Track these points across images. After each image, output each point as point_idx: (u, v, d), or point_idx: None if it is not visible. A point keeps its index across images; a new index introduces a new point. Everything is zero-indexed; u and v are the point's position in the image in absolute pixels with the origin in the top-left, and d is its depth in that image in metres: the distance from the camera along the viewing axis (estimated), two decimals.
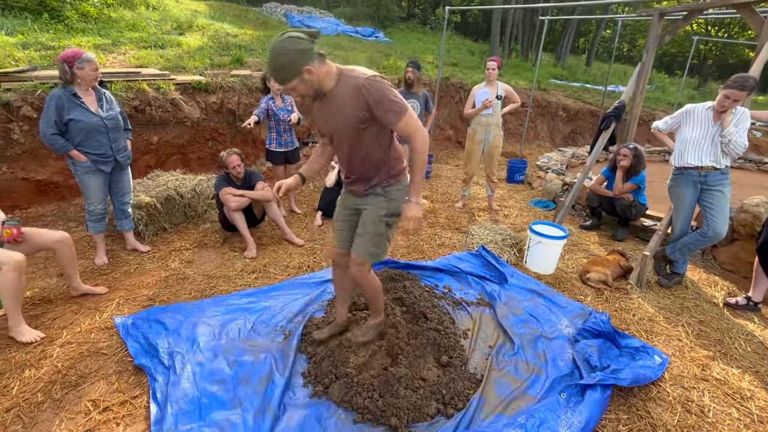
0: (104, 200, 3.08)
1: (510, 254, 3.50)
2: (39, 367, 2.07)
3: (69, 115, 2.73)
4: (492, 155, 4.41)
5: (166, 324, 2.35)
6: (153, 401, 1.85)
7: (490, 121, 4.27)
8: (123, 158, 3.05)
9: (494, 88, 4.24)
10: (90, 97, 2.86)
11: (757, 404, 2.10)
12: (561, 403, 1.95)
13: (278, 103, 3.85)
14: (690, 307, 2.95)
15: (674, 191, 3.13)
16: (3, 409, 1.82)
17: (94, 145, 2.86)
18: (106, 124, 2.87)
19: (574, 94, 10.14)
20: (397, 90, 4.74)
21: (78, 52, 2.70)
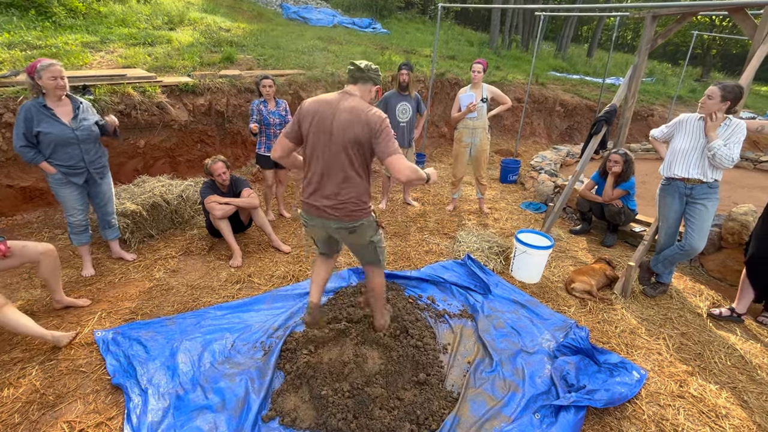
0: (84, 211, 3.02)
1: (496, 262, 3.49)
2: (18, 386, 2.08)
3: (38, 127, 2.66)
4: (479, 159, 4.37)
5: (147, 347, 2.35)
6: (127, 424, 1.87)
7: (476, 124, 4.22)
8: (97, 171, 2.97)
9: (479, 90, 4.19)
10: (63, 107, 2.77)
11: (732, 422, 2.11)
12: (534, 424, 1.97)
13: (270, 107, 3.82)
14: (673, 318, 2.95)
15: (661, 202, 3.11)
16: None
17: (65, 157, 2.78)
18: (77, 136, 2.78)
19: (572, 88, 10.00)
20: (390, 91, 4.68)
21: (37, 61, 2.62)
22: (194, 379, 2.16)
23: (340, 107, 1.92)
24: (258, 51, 6.69)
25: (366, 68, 2.00)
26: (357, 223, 2.02)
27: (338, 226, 2.03)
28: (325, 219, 2.03)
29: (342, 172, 1.94)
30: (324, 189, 1.99)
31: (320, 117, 1.93)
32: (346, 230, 2.05)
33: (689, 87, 13.55)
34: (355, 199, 1.98)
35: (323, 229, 2.12)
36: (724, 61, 22.43)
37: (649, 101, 10.02)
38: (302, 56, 6.87)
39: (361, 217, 2.03)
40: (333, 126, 1.90)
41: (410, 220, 4.42)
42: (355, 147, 1.90)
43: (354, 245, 2.20)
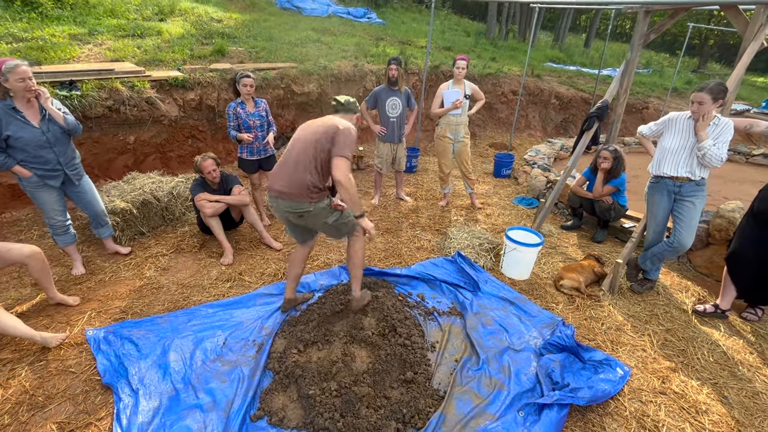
0: (63, 212, 2.97)
1: (486, 259, 3.52)
2: (7, 387, 2.10)
3: (7, 131, 2.58)
4: (462, 153, 4.37)
5: (139, 345, 2.37)
6: (117, 423, 1.89)
7: (459, 120, 4.22)
8: (73, 171, 2.90)
9: (462, 87, 4.17)
10: (32, 109, 2.67)
11: (711, 418, 2.17)
12: (518, 422, 2.01)
13: (249, 108, 3.61)
14: (659, 315, 3.00)
15: (650, 199, 3.13)
16: None
17: (40, 160, 2.71)
18: (48, 138, 2.71)
19: (568, 80, 9.95)
20: (380, 87, 4.64)
21: (1, 62, 2.50)
22: (186, 378, 2.18)
23: (318, 120, 2.39)
24: (250, 43, 6.60)
25: (346, 102, 2.54)
26: (303, 208, 2.31)
27: (288, 208, 2.33)
28: (280, 200, 2.33)
29: (299, 162, 2.28)
30: (281, 174, 2.33)
31: (301, 129, 2.41)
32: (295, 214, 2.35)
33: (685, 78, 13.50)
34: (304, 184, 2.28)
35: (278, 211, 2.41)
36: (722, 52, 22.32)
37: (644, 93, 9.99)
38: (295, 48, 6.78)
39: (309, 202, 2.31)
40: (307, 131, 2.35)
41: (402, 216, 4.43)
42: (318, 145, 2.26)
43: (310, 226, 2.51)
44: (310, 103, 5.99)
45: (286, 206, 2.34)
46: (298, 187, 2.28)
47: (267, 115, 3.75)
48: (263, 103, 3.76)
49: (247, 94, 3.59)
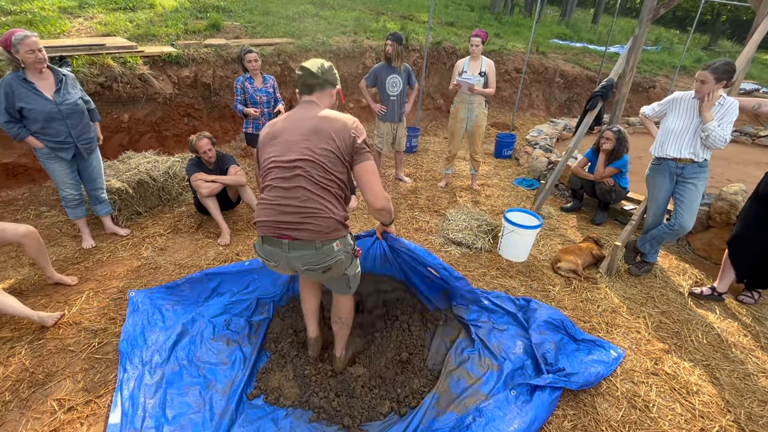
0: (75, 186, 3.03)
1: (485, 241, 3.50)
2: (7, 365, 2.13)
3: (20, 102, 2.62)
4: (475, 134, 4.28)
5: (165, 317, 2.42)
6: (117, 392, 1.93)
7: (473, 98, 4.10)
8: (84, 146, 2.94)
9: (478, 63, 4.03)
10: (45, 81, 2.71)
11: (701, 399, 2.19)
12: (510, 401, 2.02)
13: (256, 83, 3.68)
14: (655, 297, 3.00)
15: (651, 181, 3.08)
16: None
17: (52, 132, 2.75)
18: (61, 110, 2.74)
19: (574, 57, 9.68)
20: (379, 64, 4.51)
21: (11, 33, 2.51)
22: (190, 354, 2.20)
23: (305, 116, 1.70)
24: (246, 17, 6.39)
25: (320, 71, 1.73)
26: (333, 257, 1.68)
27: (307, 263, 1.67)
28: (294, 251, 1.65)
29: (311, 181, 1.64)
30: (285, 206, 1.64)
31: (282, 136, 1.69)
32: (318, 269, 1.69)
33: (695, 56, 13.11)
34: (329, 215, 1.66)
35: (283, 267, 1.76)
36: (734, 28, 21.60)
37: (651, 72, 9.72)
38: (292, 23, 6.58)
39: (337, 245, 1.70)
40: (297, 134, 1.67)
41: (401, 197, 4.39)
42: (326, 150, 1.64)
43: (325, 281, 1.90)
44: None
45: (304, 260, 1.65)
46: (324, 226, 1.63)
47: (274, 91, 3.79)
48: (271, 80, 3.79)
49: (253, 69, 3.62)
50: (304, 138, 1.64)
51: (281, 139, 1.68)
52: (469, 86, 3.93)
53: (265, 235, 1.67)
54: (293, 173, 1.62)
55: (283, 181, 1.64)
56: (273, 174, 1.67)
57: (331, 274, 1.74)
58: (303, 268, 1.68)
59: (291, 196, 1.62)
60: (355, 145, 1.67)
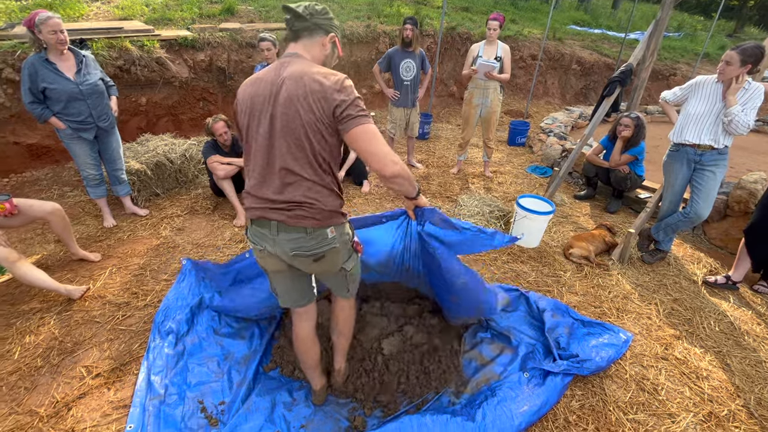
0: (96, 166, 3.13)
1: (497, 227, 3.51)
2: (38, 334, 2.24)
3: (43, 83, 2.69)
4: (489, 120, 4.25)
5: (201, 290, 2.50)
6: (145, 359, 2.02)
7: (487, 84, 4.06)
8: (105, 124, 3.02)
9: (494, 48, 3.98)
10: (67, 62, 2.78)
11: (711, 384, 2.20)
12: (522, 382, 2.05)
13: None
14: (668, 285, 2.99)
15: (668, 168, 3.04)
16: (7, 373, 2.01)
17: (73, 112, 2.84)
18: (81, 90, 2.81)
19: (592, 44, 9.44)
20: (393, 48, 4.44)
21: (35, 14, 2.58)
22: (208, 328, 2.28)
23: (284, 73, 1.35)
24: (260, 1, 6.39)
25: (307, 12, 1.39)
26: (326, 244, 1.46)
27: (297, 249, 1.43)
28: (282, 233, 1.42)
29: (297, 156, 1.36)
30: (268, 188, 1.40)
31: (256, 103, 1.38)
32: (309, 257, 1.46)
33: (719, 43, 12.65)
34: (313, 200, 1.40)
35: (271, 257, 1.51)
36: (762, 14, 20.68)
37: (672, 59, 9.44)
38: None
39: (333, 229, 1.47)
40: (270, 101, 1.35)
41: None
42: (309, 115, 1.32)
43: (319, 274, 1.63)
44: None
45: (293, 244, 1.42)
46: (314, 202, 1.39)
47: None
48: None
49: (267, 59, 3.46)
50: (284, 105, 1.32)
51: (255, 104, 1.39)
52: (486, 71, 3.89)
53: (251, 217, 1.47)
54: (273, 143, 1.37)
55: (264, 156, 1.39)
56: (253, 148, 1.42)
57: (326, 265, 1.51)
58: (291, 254, 1.43)
59: (275, 170, 1.39)
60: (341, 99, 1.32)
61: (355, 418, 1.86)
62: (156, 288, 2.65)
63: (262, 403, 1.90)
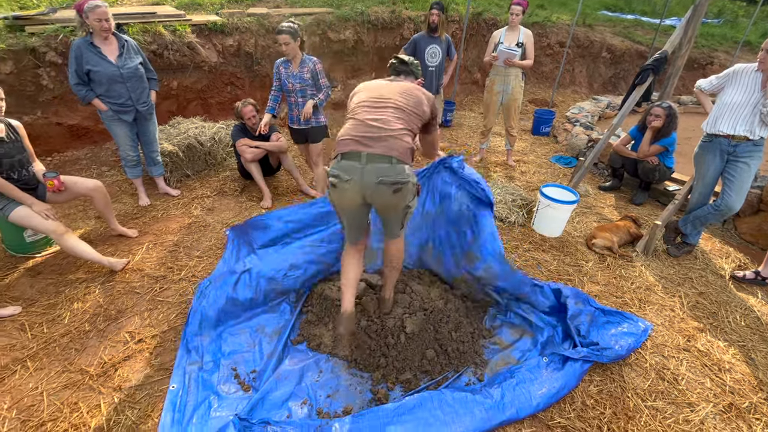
0: (134, 147, 3.29)
1: (518, 215, 3.51)
2: (85, 301, 2.42)
3: (87, 66, 2.84)
4: (510, 108, 4.21)
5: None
6: (186, 328, 2.16)
7: (509, 71, 4.01)
8: (143, 108, 3.16)
9: (516, 33, 3.92)
10: (110, 46, 2.92)
11: (734, 376, 2.20)
12: (541, 366, 2.08)
13: (293, 68, 3.10)
14: (693, 278, 2.95)
15: (699, 159, 2.97)
16: (59, 335, 2.19)
17: (114, 94, 2.98)
18: (122, 74, 2.94)
19: (624, 30, 9.08)
20: (419, 33, 4.42)
21: (84, 0, 2.72)
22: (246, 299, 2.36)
23: (392, 84, 1.98)
24: None
25: (411, 63, 2.14)
26: (404, 177, 1.78)
27: (382, 175, 1.74)
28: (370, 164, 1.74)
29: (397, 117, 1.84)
30: (372, 129, 1.79)
31: (372, 86, 2.00)
32: (389, 185, 1.75)
33: (762, 30, 11.94)
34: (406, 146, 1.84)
35: (356, 184, 1.77)
36: None
37: (710, 46, 9.00)
38: None
39: (408, 169, 1.83)
40: (391, 90, 1.93)
41: None
42: (411, 112, 1.89)
43: (387, 209, 1.93)
44: (346, 51, 5.86)
45: (380, 172, 1.73)
46: (399, 142, 1.78)
47: (315, 78, 3.13)
48: (311, 63, 3.10)
49: (285, 53, 3.06)
50: (397, 93, 1.90)
51: (375, 89, 1.94)
52: (507, 58, 3.84)
53: (344, 151, 1.79)
54: (384, 106, 1.86)
55: (372, 110, 1.85)
56: (363, 107, 1.88)
57: (398, 199, 1.82)
58: (377, 181, 1.74)
59: (378, 117, 1.82)
60: (432, 117, 2.00)
61: (378, 391, 1.96)
62: (189, 264, 2.79)
63: (291, 374, 2.01)
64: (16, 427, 1.74)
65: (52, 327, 2.23)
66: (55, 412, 1.80)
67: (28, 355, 2.06)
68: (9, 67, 3.48)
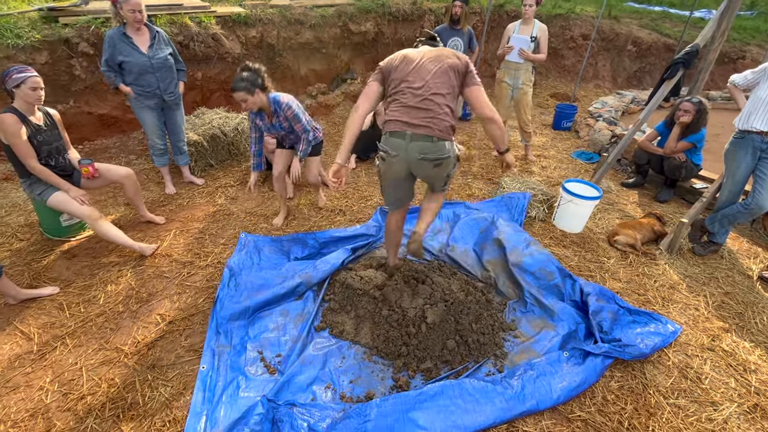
0: (162, 136, 3.39)
1: (539, 210, 3.49)
2: (117, 284, 2.52)
3: (120, 56, 2.93)
4: (521, 102, 4.15)
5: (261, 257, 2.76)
6: (213, 311, 2.25)
7: (519, 65, 3.96)
8: (169, 97, 3.24)
9: (530, 27, 3.87)
10: (142, 36, 3.00)
11: (759, 377, 2.16)
12: (562, 360, 2.09)
13: (267, 120, 2.81)
14: (719, 278, 2.89)
15: (730, 156, 2.89)
16: (95, 315, 2.29)
17: (143, 83, 3.07)
18: (152, 64, 3.02)
19: (651, 23, 8.80)
20: (441, 25, 4.41)
21: None
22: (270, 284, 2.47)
23: (429, 51, 2.02)
24: None
25: (439, 42, 2.17)
26: (445, 153, 1.98)
27: (425, 152, 1.94)
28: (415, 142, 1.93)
29: (438, 92, 1.93)
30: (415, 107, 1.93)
31: (405, 54, 2.02)
32: (431, 161, 1.97)
33: None
34: (446, 121, 1.96)
35: (400, 160, 1.99)
36: None
37: (742, 40, 8.65)
38: None
39: (449, 143, 2.00)
40: (423, 56, 1.98)
41: None
42: (451, 75, 1.95)
43: (430, 178, 2.15)
44: (366, 43, 5.86)
45: (423, 149, 1.93)
46: (440, 122, 1.94)
47: (298, 120, 2.72)
48: (282, 111, 2.69)
49: (247, 108, 2.63)
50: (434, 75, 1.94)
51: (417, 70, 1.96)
52: (521, 47, 3.79)
53: (392, 129, 1.97)
54: (424, 96, 1.93)
55: (415, 95, 1.94)
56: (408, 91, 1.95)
57: (440, 171, 2.04)
58: (419, 158, 1.96)
59: (421, 99, 1.93)
60: (468, 70, 1.99)
61: (399, 378, 2.00)
62: (215, 251, 2.88)
63: (315, 359, 2.07)
64: (58, 399, 1.84)
65: (89, 307, 2.34)
66: (94, 387, 1.90)
67: (67, 332, 2.17)
68: (44, 57, 3.61)
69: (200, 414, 1.76)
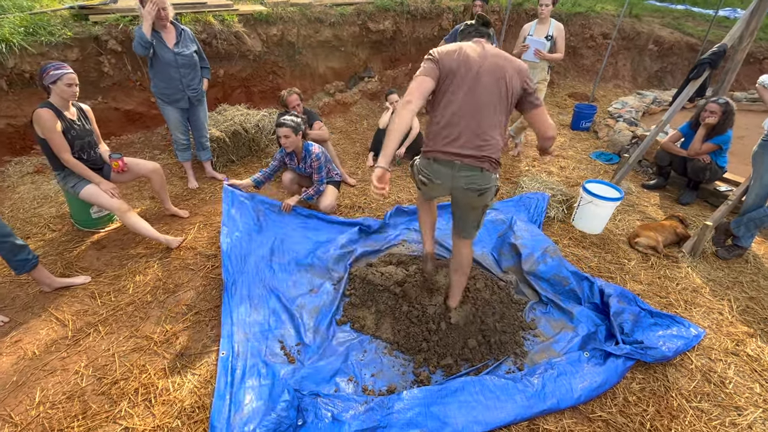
0: (185, 132, 3.47)
1: (558, 210, 3.47)
2: (146, 275, 2.60)
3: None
4: None
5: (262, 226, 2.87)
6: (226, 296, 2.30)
7: (535, 63, 3.93)
8: (193, 94, 3.31)
9: (546, 26, 3.84)
10: (168, 33, 3.09)
11: None
12: (582, 360, 2.08)
13: (296, 162, 3.18)
14: (744, 282, 2.84)
15: (758, 159, 2.84)
16: (125, 304, 2.37)
17: (166, 78, 3.15)
18: (177, 60, 3.10)
19: (673, 21, 8.62)
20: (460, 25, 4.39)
21: None
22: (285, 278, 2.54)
23: (486, 50, 1.80)
24: None
25: (491, 25, 1.96)
26: (490, 182, 1.85)
27: (470, 184, 1.82)
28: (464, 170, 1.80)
29: (491, 110, 1.77)
30: (465, 127, 1.78)
31: (466, 54, 1.77)
32: (476, 192, 1.84)
33: None
34: (497, 144, 1.81)
35: (439, 187, 1.92)
36: None
37: None
38: None
39: (495, 171, 1.86)
40: (482, 65, 1.75)
41: None
42: (508, 87, 1.76)
43: (467, 207, 2.00)
44: (384, 41, 5.88)
45: (471, 180, 1.82)
46: (493, 153, 1.79)
47: (319, 172, 3.06)
48: (310, 160, 3.04)
49: (284, 145, 2.95)
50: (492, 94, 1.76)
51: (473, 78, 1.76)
52: (537, 47, 3.78)
53: (440, 159, 1.83)
54: (478, 121, 1.77)
55: (468, 120, 1.78)
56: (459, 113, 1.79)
57: (482, 199, 1.90)
58: (465, 187, 1.85)
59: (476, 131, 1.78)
60: (528, 92, 1.83)
61: (420, 373, 2.03)
62: None
63: (338, 351, 2.11)
64: (93, 383, 1.92)
65: (119, 296, 2.43)
66: (126, 372, 1.97)
67: (99, 320, 2.26)
68: (75, 54, 3.72)
69: (224, 396, 1.81)
